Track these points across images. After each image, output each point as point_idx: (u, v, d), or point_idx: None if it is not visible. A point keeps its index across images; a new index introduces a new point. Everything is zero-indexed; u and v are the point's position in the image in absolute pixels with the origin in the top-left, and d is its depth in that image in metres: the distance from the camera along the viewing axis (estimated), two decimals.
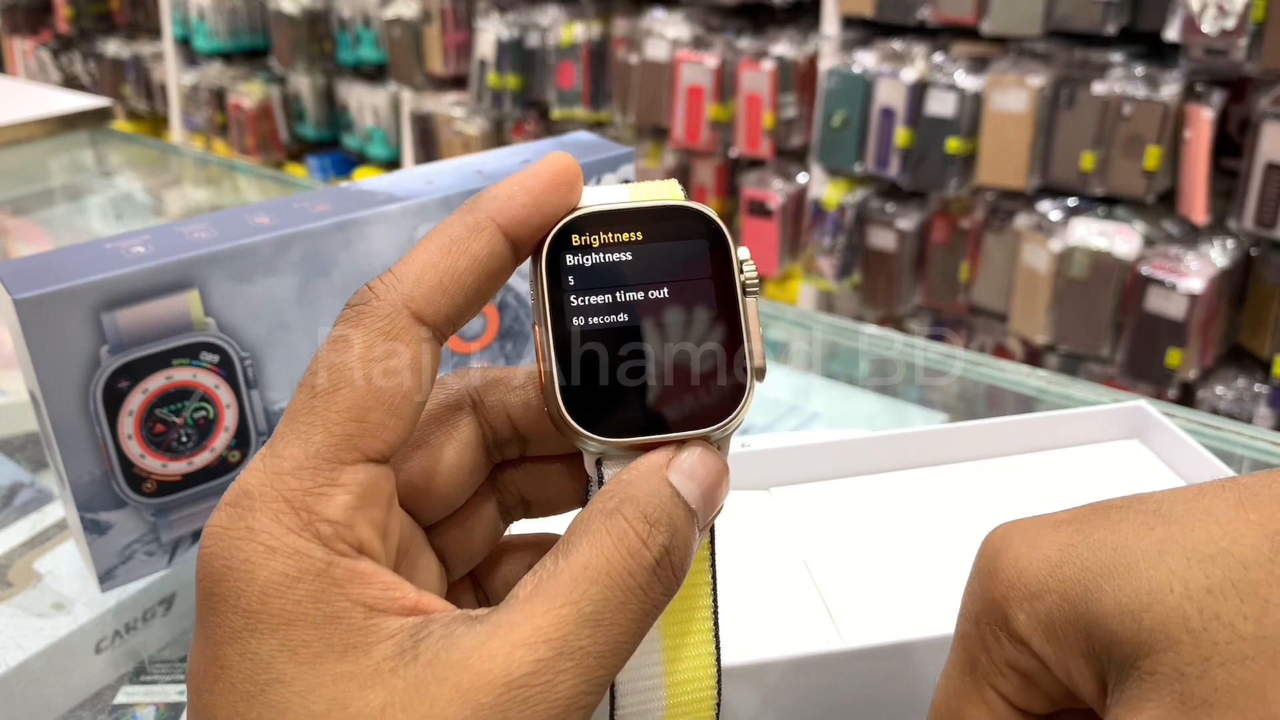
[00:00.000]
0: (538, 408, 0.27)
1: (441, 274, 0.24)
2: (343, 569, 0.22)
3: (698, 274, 0.25)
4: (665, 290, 0.25)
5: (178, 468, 0.45)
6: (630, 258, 0.25)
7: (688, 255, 0.25)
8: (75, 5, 3.42)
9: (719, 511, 0.25)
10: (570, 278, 0.25)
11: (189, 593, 0.50)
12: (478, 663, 0.21)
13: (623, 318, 0.25)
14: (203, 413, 0.45)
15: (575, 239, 0.25)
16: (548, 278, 0.25)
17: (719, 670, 0.26)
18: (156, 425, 0.44)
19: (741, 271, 0.25)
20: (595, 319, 0.25)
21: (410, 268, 0.24)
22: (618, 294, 0.25)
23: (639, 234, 0.25)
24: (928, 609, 0.42)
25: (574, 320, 0.25)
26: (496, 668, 0.21)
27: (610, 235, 0.25)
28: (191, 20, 3.03)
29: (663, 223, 0.26)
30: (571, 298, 0.25)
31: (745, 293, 0.25)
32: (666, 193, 0.26)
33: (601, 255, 0.25)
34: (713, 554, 0.26)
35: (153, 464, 0.44)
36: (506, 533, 0.30)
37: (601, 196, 0.26)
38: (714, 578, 0.26)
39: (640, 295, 0.25)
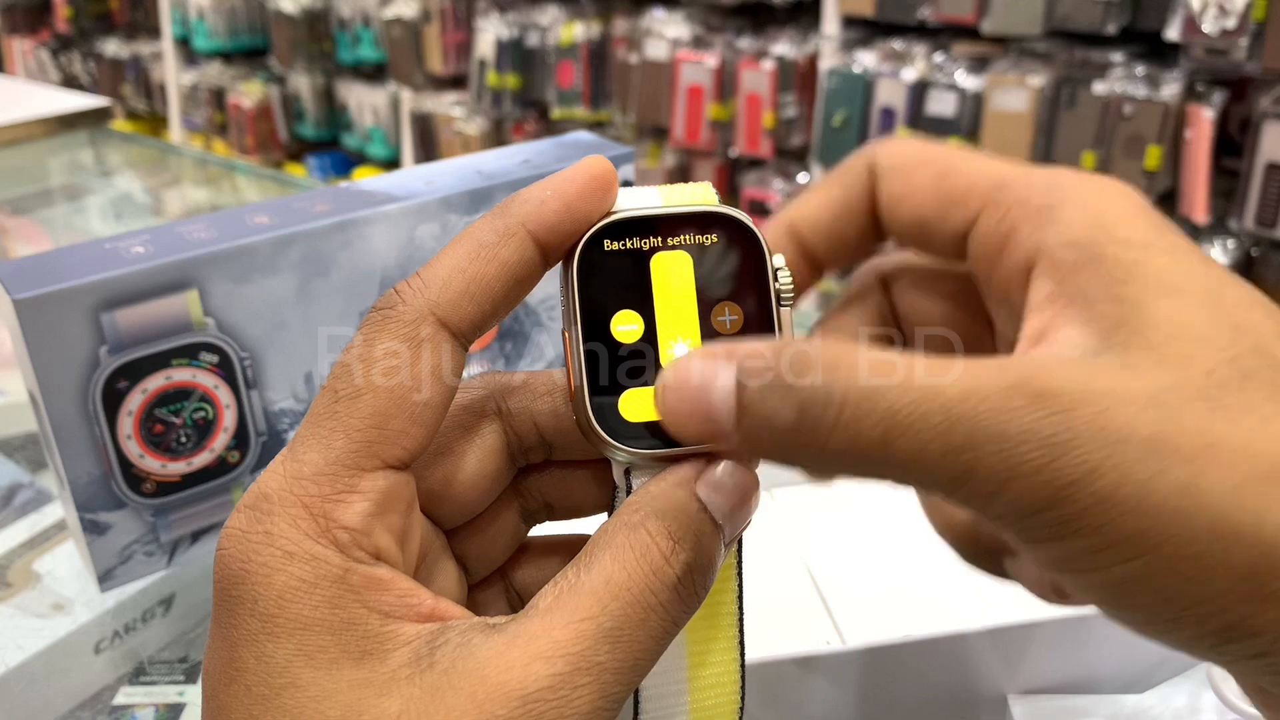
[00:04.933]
0: (565, 415, 0.27)
1: (469, 280, 0.24)
2: (360, 575, 0.22)
3: (732, 282, 0.25)
4: (698, 298, 0.25)
5: (177, 468, 0.45)
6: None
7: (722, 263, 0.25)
8: (74, 5, 3.41)
9: (747, 525, 0.25)
10: (601, 285, 0.24)
11: (188, 593, 0.50)
12: (494, 674, 0.21)
13: (655, 326, 0.24)
14: (202, 413, 0.45)
15: (607, 245, 0.25)
16: (579, 284, 0.24)
17: (743, 679, 0.25)
18: (156, 425, 0.44)
19: (776, 280, 0.25)
20: (626, 326, 0.24)
21: (438, 272, 0.24)
22: (650, 301, 0.25)
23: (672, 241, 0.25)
24: (928, 609, 0.41)
25: (604, 327, 0.24)
26: (513, 680, 0.21)
27: (643, 242, 0.25)
28: (191, 20, 3.03)
29: (697, 229, 0.25)
30: (602, 305, 0.24)
31: (780, 302, 0.25)
32: (700, 197, 0.26)
33: (633, 262, 0.25)
34: (739, 562, 0.26)
35: (152, 464, 0.44)
36: (538, 532, 0.29)
37: (634, 201, 0.25)
38: (740, 586, 0.26)
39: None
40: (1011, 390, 0.20)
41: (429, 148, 2.68)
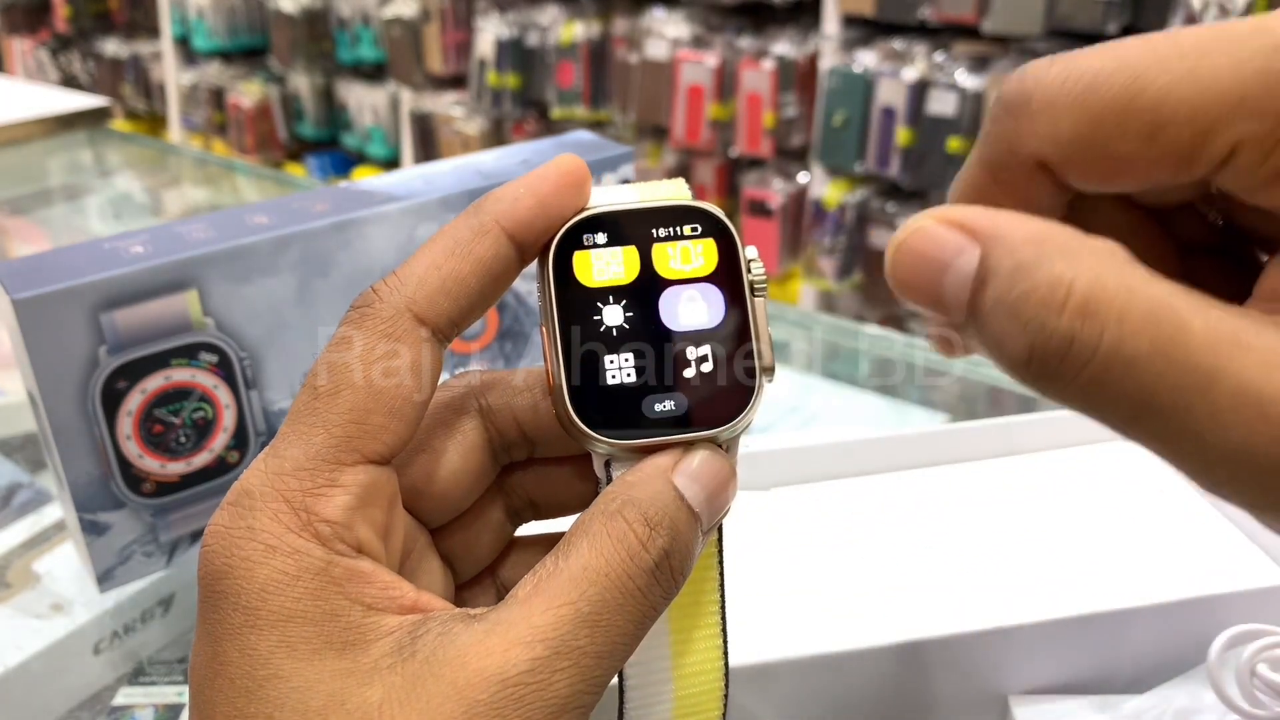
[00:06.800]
0: (545, 410, 0.27)
1: (444, 276, 0.24)
2: (341, 568, 0.22)
3: (706, 275, 0.25)
4: (673, 291, 0.25)
5: (176, 468, 0.45)
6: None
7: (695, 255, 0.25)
8: (74, 4, 3.41)
9: (725, 514, 0.25)
10: (577, 279, 0.25)
11: (188, 593, 0.50)
12: (474, 660, 0.21)
13: (631, 318, 0.25)
14: (201, 413, 0.45)
15: (583, 240, 0.25)
16: (554, 279, 0.25)
17: (726, 666, 0.26)
18: (155, 426, 0.43)
19: (749, 271, 0.25)
20: (603, 320, 0.25)
21: (414, 270, 0.24)
22: (625, 295, 0.25)
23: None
24: (928, 609, 0.41)
25: (581, 322, 0.25)
26: (493, 665, 0.21)
27: (617, 236, 0.25)
28: (190, 19, 3.03)
29: (671, 223, 0.25)
30: (578, 299, 0.25)
31: (754, 292, 0.25)
32: (673, 192, 0.26)
33: (608, 257, 0.25)
34: (720, 551, 0.26)
35: (151, 464, 0.44)
36: (525, 531, 0.30)
37: (609, 197, 0.26)
38: (721, 575, 0.26)
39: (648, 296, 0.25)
40: None
41: (429, 147, 2.68)
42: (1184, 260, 0.23)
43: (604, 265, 0.25)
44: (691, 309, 0.25)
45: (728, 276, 0.25)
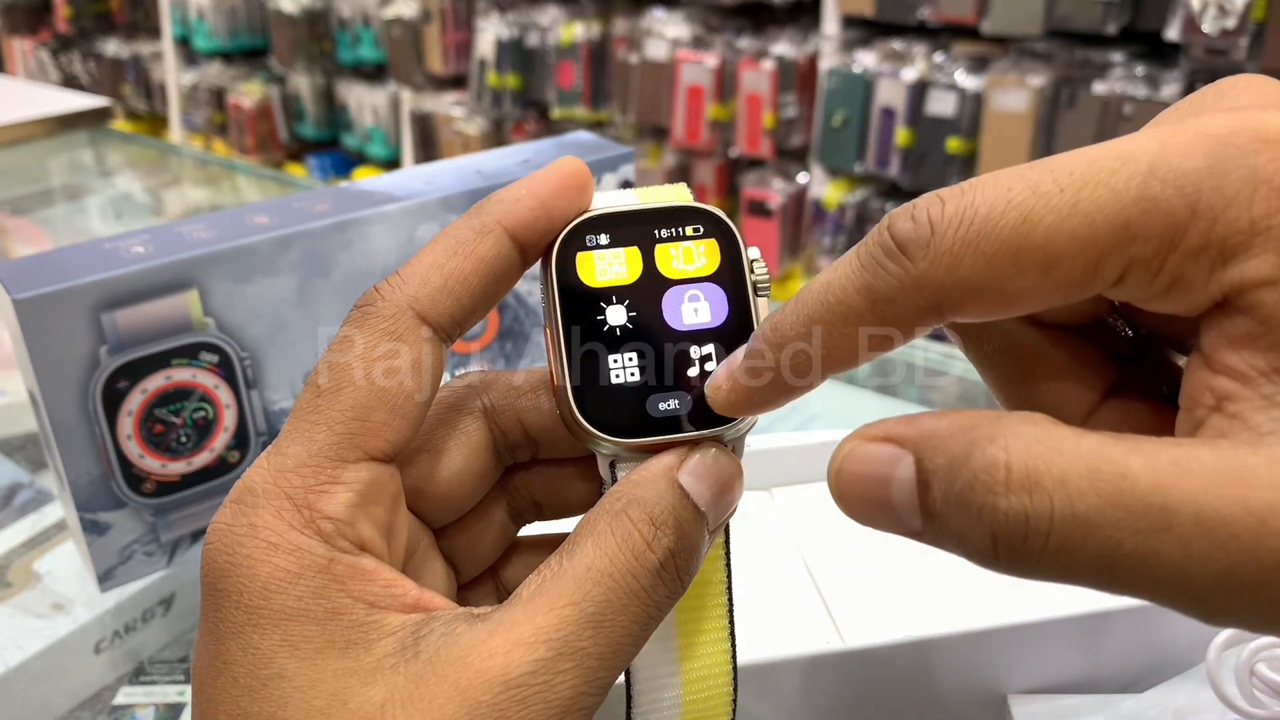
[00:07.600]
0: (549, 410, 0.27)
1: (447, 276, 0.24)
2: (344, 565, 0.22)
3: (708, 275, 0.25)
4: (676, 291, 0.25)
5: (177, 468, 0.45)
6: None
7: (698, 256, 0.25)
8: (74, 5, 3.41)
9: (732, 513, 0.25)
10: (580, 280, 0.25)
11: (188, 593, 0.50)
12: (477, 661, 0.21)
13: (634, 319, 0.25)
14: (202, 413, 0.45)
15: (585, 241, 0.25)
16: (557, 280, 0.25)
17: (734, 668, 0.26)
18: (156, 425, 0.44)
19: (752, 271, 0.25)
20: (606, 320, 0.25)
21: (416, 269, 0.24)
22: (628, 295, 0.25)
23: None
24: (928, 609, 0.41)
25: (584, 322, 0.25)
26: (495, 666, 0.21)
27: (620, 237, 0.25)
28: (191, 20, 3.03)
29: (673, 224, 0.26)
30: (581, 300, 0.25)
31: (756, 293, 0.25)
32: (675, 196, 0.26)
33: (611, 257, 0.25)
34: (727, 552, 0.26)
35: (152, 464, 0.44)
36: (531, 531, 0.30)
37: (611, 200, 0.26)
38: (729, 575, 0.26)
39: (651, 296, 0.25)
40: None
41: (429, 148, 2.68)
42: (1119, 371, 0.24)
43: (607, 266, 0.25)
44: (694, 309, 0.25)
45: (730, 277, 0.25)
